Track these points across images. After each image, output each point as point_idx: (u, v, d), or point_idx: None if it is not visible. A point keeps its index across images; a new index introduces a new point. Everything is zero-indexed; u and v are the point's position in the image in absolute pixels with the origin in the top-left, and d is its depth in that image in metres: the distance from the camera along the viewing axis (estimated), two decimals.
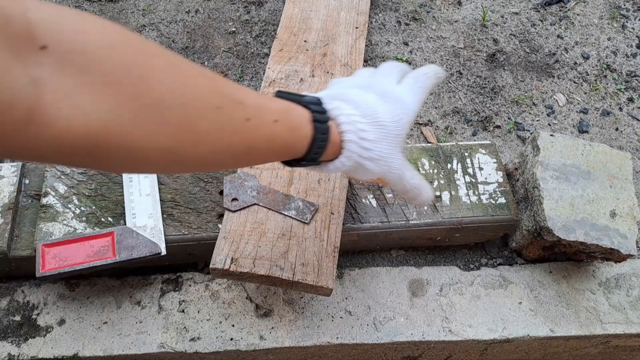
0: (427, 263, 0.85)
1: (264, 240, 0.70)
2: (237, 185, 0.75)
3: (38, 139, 0.33)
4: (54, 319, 0.74)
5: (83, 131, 0.34)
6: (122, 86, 0.35)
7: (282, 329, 0.74)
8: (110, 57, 0.35)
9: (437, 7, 1.23)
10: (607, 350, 0.82)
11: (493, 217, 0.79)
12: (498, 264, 0.85)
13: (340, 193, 0.76)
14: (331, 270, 0.68)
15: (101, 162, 0.38)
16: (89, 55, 0.34)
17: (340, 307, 0.76)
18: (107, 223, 0.75)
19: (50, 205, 0.76)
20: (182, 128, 0.39)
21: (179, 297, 0.76)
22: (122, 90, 0.36)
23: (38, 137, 0.33)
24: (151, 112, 0.37)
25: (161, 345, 0.72)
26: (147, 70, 0.37)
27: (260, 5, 1.22)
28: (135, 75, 0.36)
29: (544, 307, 0.77)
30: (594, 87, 1.12)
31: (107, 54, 0.35)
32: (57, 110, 0.33)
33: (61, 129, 0.33)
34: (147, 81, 0.37)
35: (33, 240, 0.74)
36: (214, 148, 0.43)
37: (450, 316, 0.76)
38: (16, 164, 0.81)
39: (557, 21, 1.22)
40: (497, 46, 1.17)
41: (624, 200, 0.78)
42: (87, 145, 0.35)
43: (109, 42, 0.36)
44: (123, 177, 0.79)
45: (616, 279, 0.80)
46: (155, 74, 0.38)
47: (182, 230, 0.75)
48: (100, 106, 0.35)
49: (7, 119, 0.31)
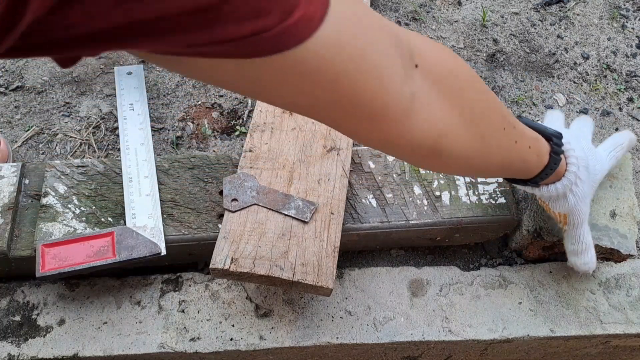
0: (427, 263, 0.85)
1: (264, 240, 0.70)
2: (236, 186, 0.75)
3: (403, 134, 0.44)
4: (54, 319, 0.74)
5: (433, 133, 0.46)
6: (461, 106, 0.47)
7: (282, 329, 0.74)
8: (459, 82, 0.48)
9: (437, 7, 1.23)
10: (607, 351, 0.82)
11: (493, 217, 0.79)
12: (498, 264, 0.85)
13: (340, 193, 0.76)
14: (331, 270, 0.68)
15: (434, 160, 0.50)
16: (448, 80, 0.46)
17: (340, 307, 0.76)
18: (107, 223, 0.75)
19: (50, 205, 0.76)
20: (483, 140, 0.51)
21: (179, 297, 0.76)
22: (461, 108, 0.47)
23: (403, 133, 0.44)
24: (472, 126, 0.49)
25: (161, 345, 0.72)
26: (475, 94, 0.50)
27: None
28: (469, 97, 0.49)
29: (544, 307, 0.77)
30: (594, 87, 1.12)
31: (458, 80, 0.48)
32: (418, 115, 0.44)
33: (418, 129, 0.45)
34: (475, 103, 0.49)
35: (33, 240, 0.74)
36: (493, 159, 0.54)
37: (450, 316, 0.76)
38: (16, 164, 0.81)
39: (557, 21, 1.22)
40: (497, 46, 1.17)
41: (624, 200, 0.78)
42: (430, 144, 0.47)
43: (459, 71, 0.48)
44: (123, 177, 0.79)
45: (616, 279, 0.80)
46: (478, 97, 0.50)
47: (182, 230, 0.75)
48: (447, 118, 0.46)
49: (390, 116, 0.42)
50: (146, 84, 1.01)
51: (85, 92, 1.04)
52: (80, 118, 1.01)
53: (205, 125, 1.01)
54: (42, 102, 1.03)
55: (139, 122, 0.88)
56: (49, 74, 1.07)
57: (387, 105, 0.41)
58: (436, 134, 0.46)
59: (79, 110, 1.02)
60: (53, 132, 0.99)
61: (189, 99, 1.05)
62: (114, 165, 0.81)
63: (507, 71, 1.13)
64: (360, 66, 0.39)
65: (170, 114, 1.02)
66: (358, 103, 0.40)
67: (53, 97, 1.03)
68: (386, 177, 0.81)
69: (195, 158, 0.82)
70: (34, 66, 1.07)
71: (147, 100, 0.95)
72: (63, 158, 0.96)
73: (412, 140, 0.45)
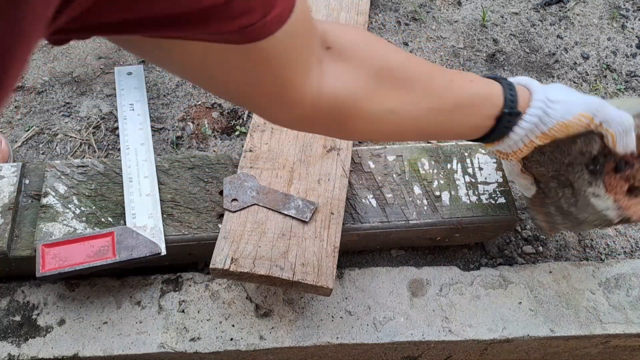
0: (427, 263, 0.85)
1: (264, 240, 0.70)
2: (236, 186, 0.75)
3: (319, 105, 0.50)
4: (54, 319, 0.74)
5: (342, 95, 0.50)
6: (369, 67, 0.52)
7: (282, 329, 0.74)
8: (366, 50, 0.52)
9: (437, 7, 1.23)
10: (607, 350, 0.82)
11: (493, 217, 0.79)
12: (498, 264, 0.85)
13: (340, 193, 0.76)
14: (331, 270, 0.68)
15: (346, 124, 0.53)
16: (353, 51, 0.51)
17: (340, 307, 0.76)
18: (107, 223, 0.75)
19: (50, 206, 0.76)
20: (402, 92, 0.53)
21: (179, 297, 0.76)
22: (369, 69, 0.52)
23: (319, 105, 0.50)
24: (385, 82, 0.52)
25: (161, 345, 0.72)
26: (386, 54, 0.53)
27: None
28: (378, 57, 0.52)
29: (544, 307, 0.77)
30: (594, 87, 1.12)
31: (364, 48, 0.52)
32: (329, 83, 0.50)
33: (329, 94, 0.50)
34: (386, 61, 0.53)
35: (33, 241, 0.74)
36: (428, 105, 0.55)
37: (450, 316, 0.76)
38: (16, 164, 0.81)
39: (557, 21, 1.22)
40: (497, 46, 1.17)
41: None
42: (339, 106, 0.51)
43: (366, 42, 0.53)
44: (123, 177, 0.79)
45: (616, 279, 0.80)
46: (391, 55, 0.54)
47: (182, 230, 0.75)
48: (356, 81, 0.51)
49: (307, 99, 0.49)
50: (146, 84, 1.01)
51: (86, 92, 1.04)
52: (81, 118, 1.01)
53: (205, 125, 1.01)
54: (42, 102, 1.03)
55: (139, 122, 0.88)
56: (49, 74, 1.07)
57: (303, 88, 0.48)
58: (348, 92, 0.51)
59: (79, 110, 1.02)
60: (53, 132, 0.99)
61: (189, 99, 1.05)
62: (114, 165, 0.81)
63: (507, 71, 1.13)
64: (300, 55, 0.46)
65: (171, 114, 1.02)
66: (286, 89, 0.47)
67: (53, 97, 1.03)
68: (386, 177, 0.81)
69: (195, 158, 0.83)
70: (34, 66, 1.07)
71: (147, 100, 0.95)
72: (63, 158, 0.96)
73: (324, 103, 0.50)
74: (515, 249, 0.88)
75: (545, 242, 0.89)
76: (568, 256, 0.87)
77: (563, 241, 0.89)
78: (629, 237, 0.90)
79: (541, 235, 0.89)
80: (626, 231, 0.91)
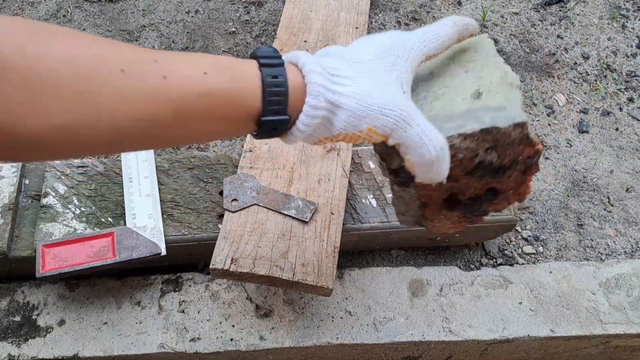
0: (427, 263, 0.85)
1: (264, 240, 0.70)
2: (236, 186, 0.75)
3: None
4: (54, 320, 0.74)
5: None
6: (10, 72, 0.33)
7: (282, 329, 0.74)
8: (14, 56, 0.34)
9: (437, 7, 1.23)
10: (607, 351, 0.82)
11: (493, 217, 0.79)
12: (498, 264, 0.85)
13: (340, 193, 0.76)
14: (331, 270, 0.68)
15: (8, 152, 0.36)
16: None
17: (340, 307, 0.76)
18: (107, 223, 0.75)
19: (50, 206, 0.76)
20: (77, 101, 0.36)
21: (179, 298, 0.76)
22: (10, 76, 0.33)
23: None
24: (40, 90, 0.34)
25: (161, 345, 0.72)
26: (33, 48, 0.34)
27: (260, 5, 1.22)
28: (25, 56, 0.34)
29: (544, 307, 0.77)
30: (594, 87, 1.12)
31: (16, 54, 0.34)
32: None
33: None
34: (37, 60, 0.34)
35: (33, 241, 0.74)
36: (126, 116, 0.38)
37: (450, 316, 0.76)
38: (16, 164, 0.81)
39: (557, 21, 1.22)
40: (497, 46, 1.17)
41: (489, 74, 0.55)
42: None
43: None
44: (123, 178, 0.79)
45: (616, 279, 0.80)
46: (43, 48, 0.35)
47: (182, 230, 0.75)
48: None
49: None
50: None
51: None
52: None
53: None
54: None
55: None
56: None
57: None
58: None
59: None
60: None
61: None
62: (114, 165, 0.81)
63: None
64: None
65: None
66: None
67: None
68: None
69: (195, 158, 0.83)
70: None
71: None
72: None
73: None
74: (515, 249, 0.88)
75: (545, 242, 0.89)
76: (568, 256, 0.87)
77: (563, 241, 0.89)
78: (629, 237, 0.90)
79: (541, 235, 0.89)
80: (626, 231, 0.91)
